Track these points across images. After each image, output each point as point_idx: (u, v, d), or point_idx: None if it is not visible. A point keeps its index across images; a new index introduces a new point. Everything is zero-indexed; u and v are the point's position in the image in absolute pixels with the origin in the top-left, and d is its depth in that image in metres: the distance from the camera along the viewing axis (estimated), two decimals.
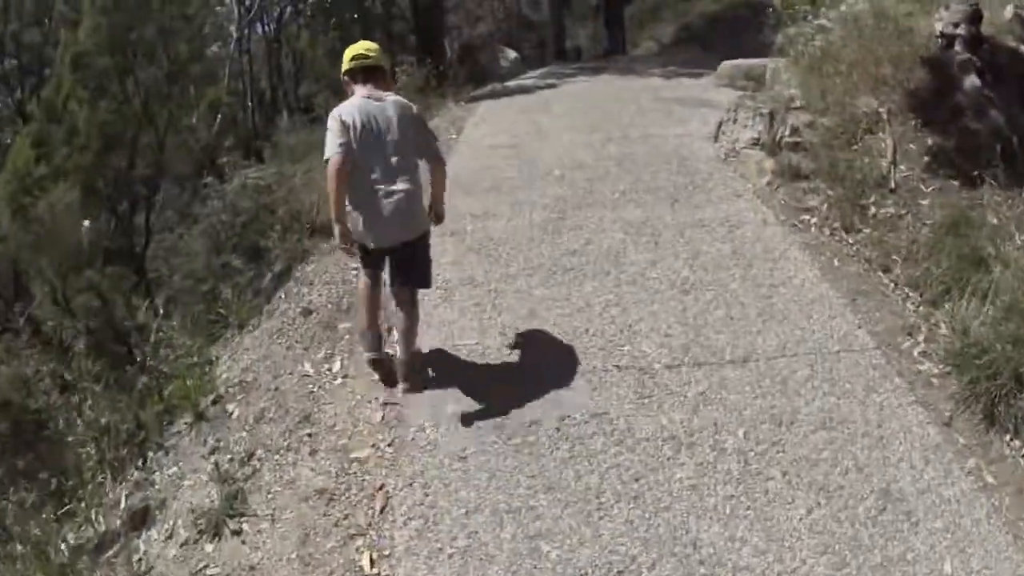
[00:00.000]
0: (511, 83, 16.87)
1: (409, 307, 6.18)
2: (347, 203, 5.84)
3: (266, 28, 32.53)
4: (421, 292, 6.51)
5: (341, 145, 5.62)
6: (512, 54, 18.32)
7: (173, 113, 22.29)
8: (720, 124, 11.57)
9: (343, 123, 5.68)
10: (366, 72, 6.03)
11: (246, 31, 31.36)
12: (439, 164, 6.20)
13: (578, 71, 18.12)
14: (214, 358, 7.81)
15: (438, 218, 6.36)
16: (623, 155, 10.94)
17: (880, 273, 7.97)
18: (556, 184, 10.14)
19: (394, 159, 5.79)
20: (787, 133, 10.34)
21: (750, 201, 9.43)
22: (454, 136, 12.47)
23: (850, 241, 8.53)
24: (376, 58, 6.09)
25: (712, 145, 11.23)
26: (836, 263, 8.15)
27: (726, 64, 15.17)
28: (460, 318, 7.34)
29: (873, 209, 8.81)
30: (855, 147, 9.72)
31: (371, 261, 6.18)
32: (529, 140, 12.01)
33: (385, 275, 6.29)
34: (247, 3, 21.85)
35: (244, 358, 7.59)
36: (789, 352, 6.71)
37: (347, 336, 7.36)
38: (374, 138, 5.75)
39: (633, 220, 9.00)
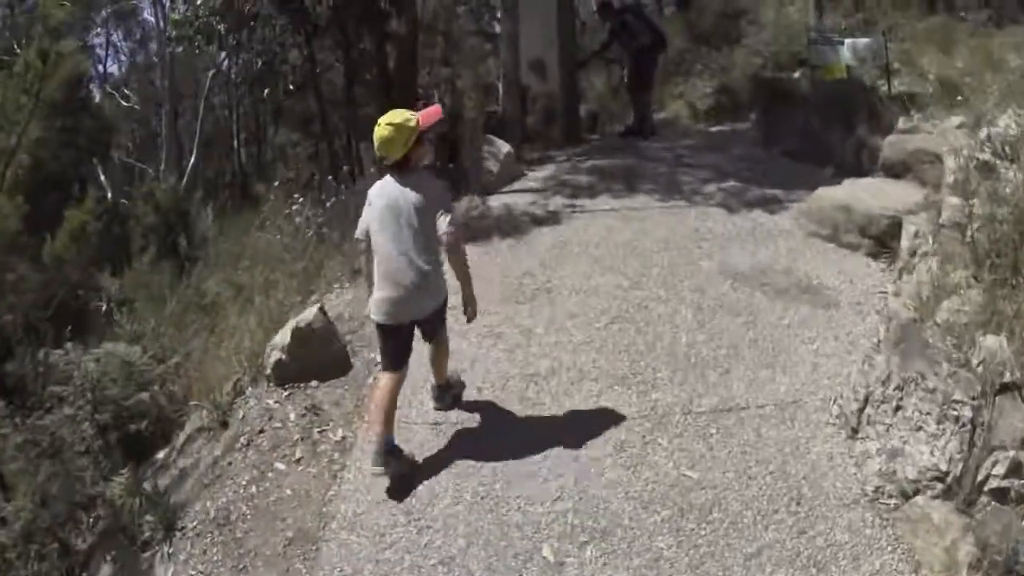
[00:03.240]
0: (496, 203, 11.02)
1: (434, 350, 6.33)
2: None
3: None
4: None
5: (364, 225, 5.94)
6: (504, 148, 12.34)
7: None
8: (866, 402, 5.79)
9: (368, 203, 5.92)
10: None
11: (235, 60, 26.22)
12: (455, 239, 5.79)
13: (597, 179, 12.17)
14: None
15: (470, 314, 6.14)
16: (685, 487, 5.56)
17: None
18: None
19: (404, 244, 5.72)
20: (1001, 471, 4.80)
21: None
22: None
23: None
24: (391, 153, 5.73)
25: (846, 448, 5.80)
26: None
27: (821, 197, 9.60)
28: None
29: None
30: None
31: (387, 343, 6.08)
32: (505, 426, 6.49)
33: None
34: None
35: None
36: None
37: None
38: (389, 221, 5.74)
39: None
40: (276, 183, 14.92)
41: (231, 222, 15.66)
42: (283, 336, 7.32)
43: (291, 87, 14.08)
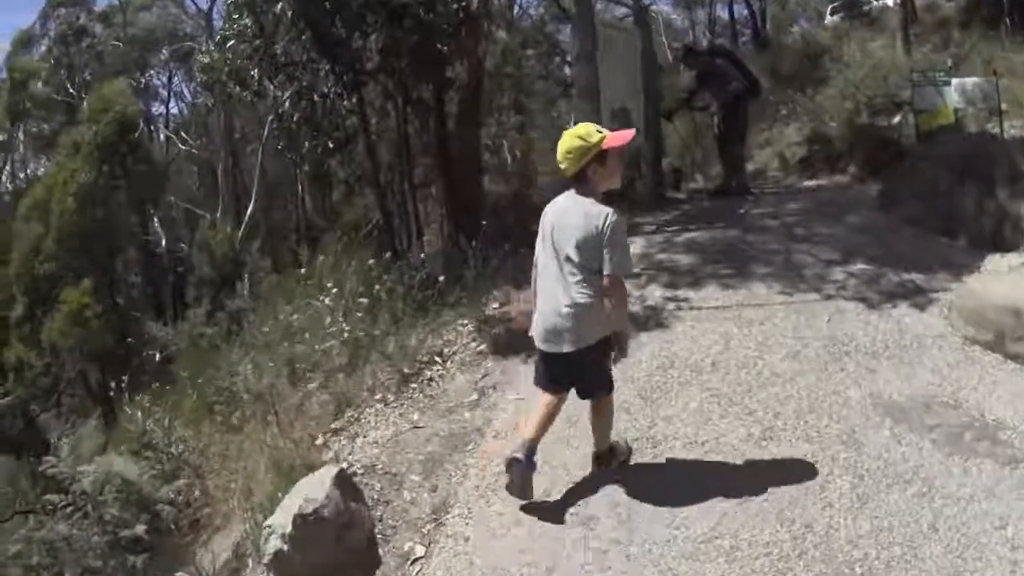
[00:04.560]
0: None
1: (592, 412, 5.58)
2: None
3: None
4: None
5: (537, 245, 5.42)
6: None
7: None
8: None
9: (544, 214, 5.39)
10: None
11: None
12: (612, 284, 5.06)
13: (699, 259, 9.85)
14: None
15: (618, 354, 5.38)
16: None
17: None
18: None
19: (563, 268, 5.16)
20: None
21: None
22: None
23: None
24: (566, 166, 5.16)
25: None
26: None
27: (978, 294, 7.46)
28: None
29: None
30: None
31: (542, 365, 5.46)
32: None
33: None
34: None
35: None
36: None
37: None
38: (551, 241, 5.23)
39: None
40: (332, 240, 12.84)
41: (283, 283, 13.63)
42: (284, 517, 5.11)
43: (331, 145, 11.80)
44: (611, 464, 5.66)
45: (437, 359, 7.88)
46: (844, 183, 14.45)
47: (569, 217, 5.15)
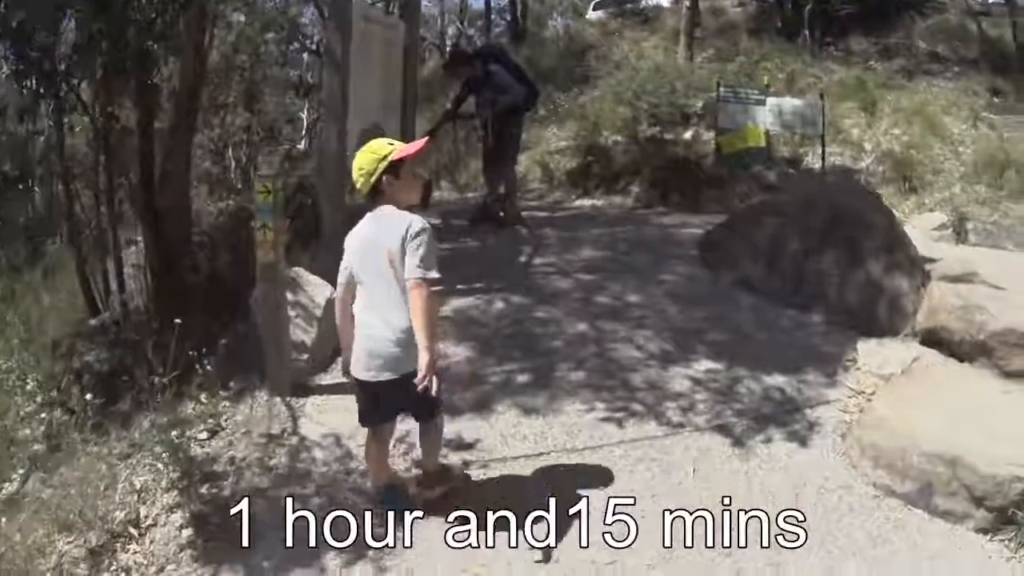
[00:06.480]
0: (314, 424, 5.95)
1: (422, 432, 5.02)
2: None
3: None
4: None
5: (341, 271, 4.76)
6: (322, 292, 6.87)
7: None
8: None
9: (346, 244, 4.78)
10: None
11: None
12: (415, 288, 4.34)
13: (477, 351, 6.89)
14: None
15: (423, 378, 4.29)
16: None
17: None
18: None
19: (375, 295, 4.57)
20: None
21: None
22: None
23: None
24: (359, 185, 4.64)
25: None
26: None
27: (887, 425, 5.45)
28: None
29: None
30: None
31: (365, 401, 4.74)
32: None
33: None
34: None
35: None
36: None
37: None
38: (359, 267, 4.64)
39: None
40: None
41: None
42: None
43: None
44: (437, 487, 5.03)
45: (132, 530, 5.00)
46: (627, 207, 12.25)
47: (376, 233, 4.60)
